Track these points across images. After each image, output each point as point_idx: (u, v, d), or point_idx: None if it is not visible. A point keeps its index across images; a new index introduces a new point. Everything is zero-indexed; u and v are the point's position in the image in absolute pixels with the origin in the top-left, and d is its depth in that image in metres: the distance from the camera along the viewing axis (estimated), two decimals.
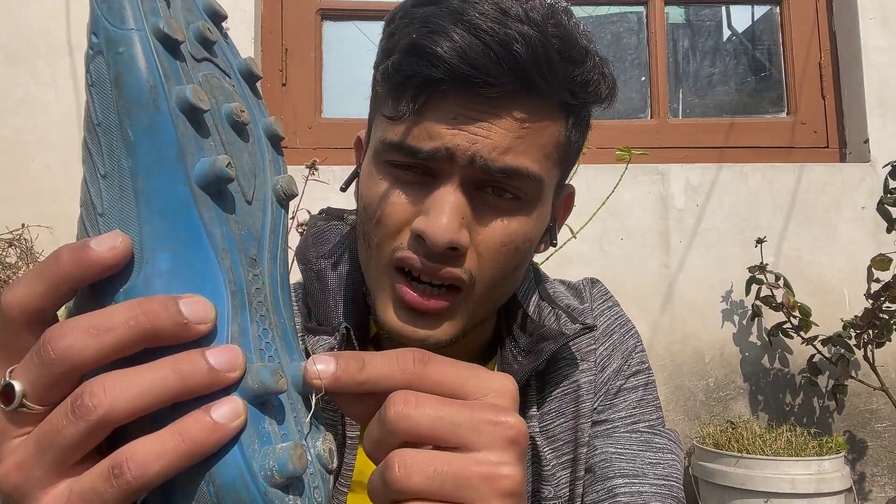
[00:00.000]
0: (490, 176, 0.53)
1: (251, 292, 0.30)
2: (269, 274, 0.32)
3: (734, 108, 2.39)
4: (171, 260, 0.28)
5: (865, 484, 1.99)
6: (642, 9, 2.29)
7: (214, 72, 0.33)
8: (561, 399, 0.64)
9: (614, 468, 0.61)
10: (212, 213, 0.29)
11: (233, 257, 0.29)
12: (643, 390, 0.67)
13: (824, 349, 1.94)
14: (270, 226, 0.33)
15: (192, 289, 0.28)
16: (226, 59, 0.35)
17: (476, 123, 0.52)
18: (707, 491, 1.77)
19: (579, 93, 0.55)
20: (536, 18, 0.51)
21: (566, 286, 0.72)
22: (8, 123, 1.98)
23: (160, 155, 0.28)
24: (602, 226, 1.99)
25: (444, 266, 0.53)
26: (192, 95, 0.28)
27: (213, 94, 0.32)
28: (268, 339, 0.30)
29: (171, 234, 0.28)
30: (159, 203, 0.28)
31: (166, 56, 0.29)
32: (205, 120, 0.30)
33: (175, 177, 0.28)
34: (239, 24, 2.06)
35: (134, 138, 0.28)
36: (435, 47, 0.50)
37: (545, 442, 0.62)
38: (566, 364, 0.65)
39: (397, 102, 0.54)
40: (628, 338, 0.69)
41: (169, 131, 0.28)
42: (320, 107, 2.18)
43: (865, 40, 2.12)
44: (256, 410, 0.28)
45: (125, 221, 0.28)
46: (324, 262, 0.65)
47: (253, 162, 0.33)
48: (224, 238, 0.29)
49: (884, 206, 1.81)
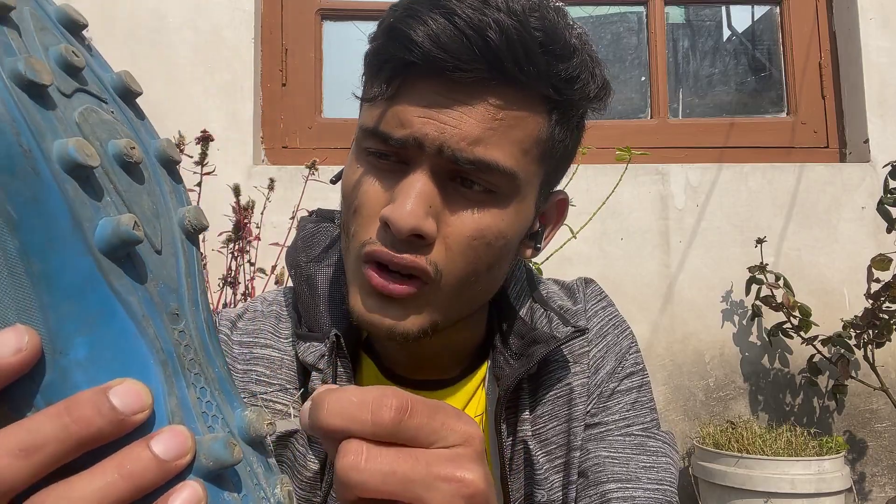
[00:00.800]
0: (459, 167, 0.52)
1: (181, 353, 0.27)
2: (194, 324, 0.29)
3: (734, 108, 2.39)
4: (88, 345, 0.25)
5: (865, 484, 1.99)
6: (642, 9, 2.29)
7: (90, 103, 0.28)
8: (554, 402, 0.63)
9: (607, 472, 0.60)
10: (124, 281, 0.25)
11: (155, 322, 0.26)
12: (637, 392, 0.66)
13: (824, 349, 1.94)
14: (185, 269, 0.29)
15: (117, 372, 0.25)
16: (98, 81, 0.30)
17: (447, 111, 0.51)
18: (707, 491, 1.77)
19: (563, 88, 0.54)
20: (516, 9, 0.50)
21: (560, 286, 0.71)
22: None
23: (52, 229, 0.24)
24: (602, 226, 1.99)
25: (410, 255, 0.52)
26: (77, 152, 0.24)
27: (94, 133, 0.27)
28: (208, 398, 0.28)
29: (81, 315, 0.25)
30: (62, 283, 0.24)
31: (34, 107, 0.24)
32: (95, 175, 0.26)
33: (74, 250, 0.24)
34: (239, 25, 2.06)
35: (17, 215, 0.24)
36: (409, 31, 0.50)
37: (538, 446, 0.62)
38: (559, 367, 0.64)
39: (373, 85, 0.54)
40: (622, 339, 0.68)
41: (57, 200, 0.24)
42: (320, 107, 2.18)
43: (865, 40, 2.12)
44: (213, 486, 0.26)
45: (24, 311, 0.24)
46: (313, 267, 0.64)
47: (154, 202, 0.29)
48: (142, 304, 0.26)
49: (884, 206, 1.81)
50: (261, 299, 0.68)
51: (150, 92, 2.01)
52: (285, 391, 0.61)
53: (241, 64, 2.05)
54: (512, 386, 0.59)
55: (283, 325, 0.64)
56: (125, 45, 2.02)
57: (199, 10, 2.05)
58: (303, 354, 0.60)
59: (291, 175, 1.94)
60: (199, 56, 2.03)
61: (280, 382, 0.61)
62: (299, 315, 0.64)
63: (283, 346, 0.63)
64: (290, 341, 0.63)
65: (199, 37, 2.05)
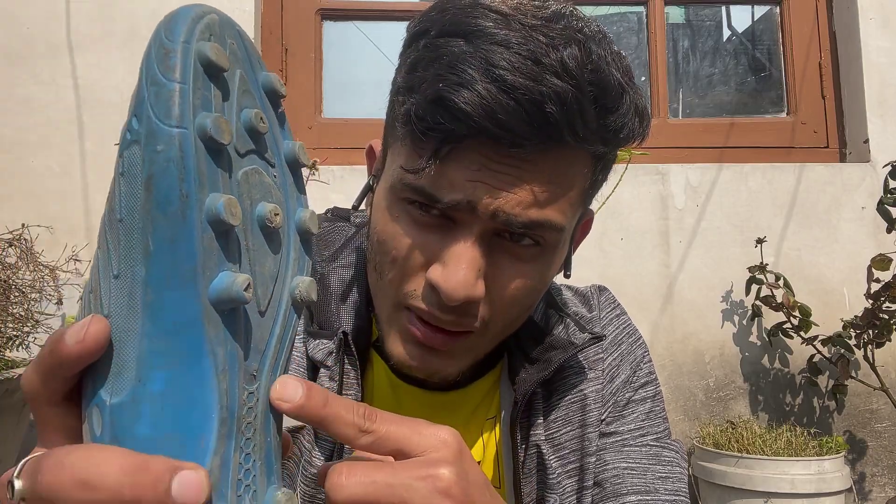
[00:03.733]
0: (511, 228, 0.51)
1: (242, 415, 0.28)
2: (265, 389, 0.30)
3: (734, 108, 2.39)
4: (165, 381, 0.26)
5: (865, 484, 1.99)
6: (642, 9, 2.29)
7: (258, 165, 0.31)
8: (568, 408, 0.63)
9: (627, 484, 0.60)
10: (219, 333, 0.27)
11: (231, 379, 0.27)
12: (651, 402, 0.66)
13: (824, 349, 1.94)
14: (279, 335, 0.31)
15: (180, 416, 0.26)
16: (274, 147, 0.33)
17: (500, 177, 0.49)
18: (707, 491, 1.77)
19: (612, 139, 0.52)
20: (572, 68, 0.46)
21: (574, 292, 0.71)
22: (8, 123, 1.98)
23: (177, 269, 0.26)
24: (602, 226, 1.99)
25: (457, 318, 0.52)
26: (225, 210, 0.26)
27: (249, 193, 0.30)
28: (248, 466, 0.29)
29: (171, 351, 0.26)
30: (166, 320, 0.26)
31: (207, 160, 0.27)
32: (234, 232, 0.28)
33: (188, 293, 0.26)
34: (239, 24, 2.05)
35: (153, 247, 0.26)
36: (460, 102, 0.46)
37: (551, 450, 0.62)
38: (573, 373, 0.64)
39: (417, 151, 0.51)
40: (636, 348, 0.68)
41: (191, 246, 0.26)
42: (320, 107, 2.18)
43: (865, 40, 2.12)
44: None
45: (127, 332, 0.26)
46: (327, 266, 0.64)
47: (276, 267, 0.31)
48: (227, 358, 0.27)
49: (884, 206, 1.81)
50: None
51: None
52: None
53: None
54: (528, 391, 0.60)
55: None
56: (125, 45, 2.02)
57: None
58: (312, 351, 0.60)
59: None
60: None
61: None
62: (311, 312, 0.64)
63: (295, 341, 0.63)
64: (301, 337, 0.63)
65: None
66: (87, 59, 2.01)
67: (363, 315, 0.62)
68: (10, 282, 1.55)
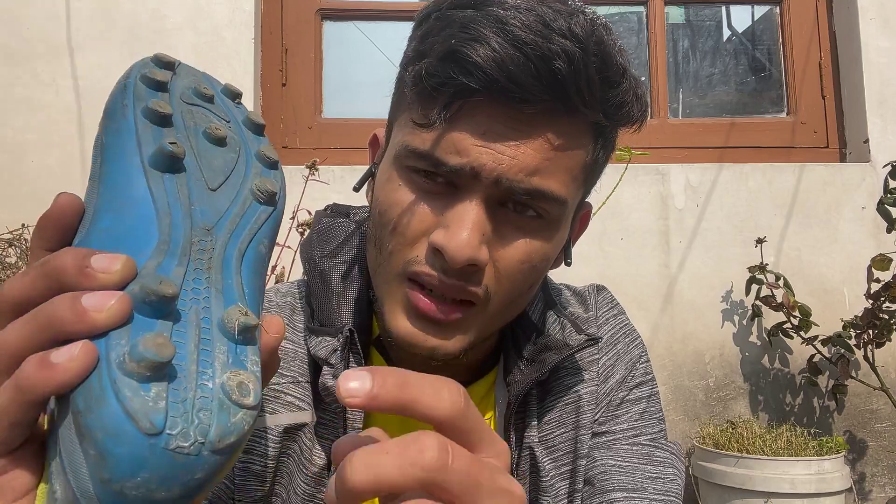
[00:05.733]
0: (514, 196, 0.52)
1: (190, 250, 0.31)
2: (223, 245, 0.33)
3: (734, 108, 2.39)
4: (111, 220, 0.31)
5: (865, 484, 1.99)
6: (642, 9, 2.29)
7: (205, 109, 0.38)
8: (562, 409, 0.63)
9: (613, 481, 0.60)
10: (161, 186, 0.32)
11: (174, 218, 0.32)
12: (646, 402, 0.65)
13: (824, 349, 1.94)
14: (238, 212, 0.35)
15: (121, 240, 0.30)
16: (227, 109, 0.39)
17: (505, 141, 0.50)
18: (707, 491, 1.77)
19: (613, 115, 0.53)
20: (579, 34, 0.48)
21: (572, 292, 0.71)
22: (8, 123, 1.98)
23: (121, 147, 0.33)
24: (602, 226, 1.99)
25: (461, 283, 0.52)
26: (154, 104, 0.34)
27: (193, 116, 0.37)
28: (198, 287, 0.30)
29: (117, 200, 0.32)
30: (113, 179, 0.33)
31: (147, 91, 0.36)
32: (171, 121, 0.35)
33: (131, 160, 0.33)
34: (239, 24, 2.06)
35: (105, 141, 0.34)
36: (473, 55, 0.47)
37: (545, 452, 0.61)
38: (568, 374, 0.64)
39: (428, 109, 0.51)
40: (633, 348, 0.67)
41: (130, 130, 0.34)
42: (320, 107, 2.18)
43: (865, 40, 2.12)
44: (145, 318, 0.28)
45: (90, 201, 0.33)
46: (328, 262, 0.64)
47: (226, 165, 0.37)
48: (169, 204, 0.32)
49: (884, 206, 1.81)
50: (274, 290, 0.67)
51: None
52: (297, 384, 0.60)
53: (241, 64, 2.05)
54: (522, 392, 0.59)
55: (297, 318, 0.64)
56: (125, 45, 2.02)
57: (199, 10, 2.05)
58: (314, 349, 0.59)
59: (291, 175, 1.93)
60: (199, 56, 2.03)
61: (293, 375, 0.61)
62: (312, 309, 0.64)
63: (297, 338, 0.63)
64: (303, 334, 0.63)
65: (199, 37, 2.05)
66: (87, 59, 2.01)
67: (364, 311, 0.62)
68: None
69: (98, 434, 0.25)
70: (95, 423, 0.26)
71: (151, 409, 0.25)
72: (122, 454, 0.25)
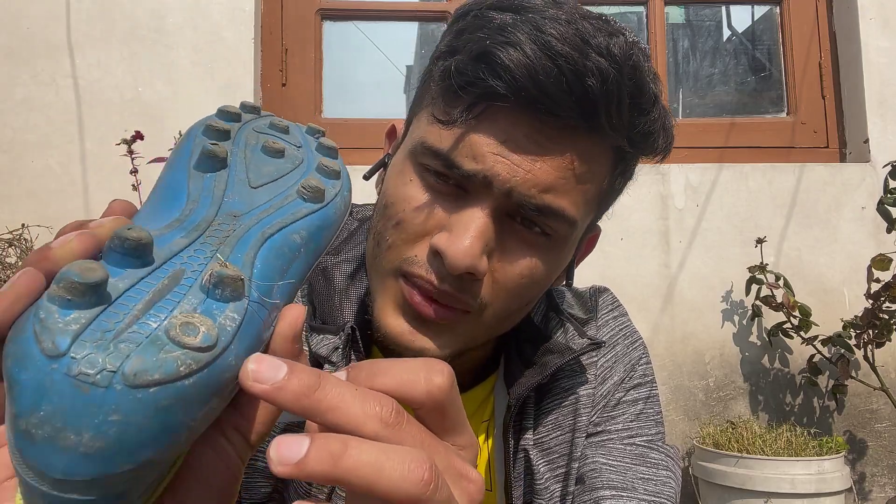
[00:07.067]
0: (524, 210, 0.50)
1: (207, 229, 0.31)
2: (246, 228, 0.32)
3: (734, 108, 2.39)
4: (147, 211, 0.33)
5: (865, 484, 1.99)
6: (642, 9, 2.29)
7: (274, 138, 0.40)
8: (559, 412, 0.62)
9: (603, 479, 0.59)
10: (199, 183, 0.34)
11: (200, 204, 0.32)
12: (644, 404, 0.65)
13: (824, 349, 1.94)
14: (276, 205, 0.35)
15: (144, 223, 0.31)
16: (301, 139, 0.42)
17: (523, 153, 0.49)
18: (707, 491, 1.77)
19: (638, 142, 0.52)
20: (617, 55, 0.47)
21: (573, 294, 0.70)
22: (8, 123, 1.98)
23: (177, 158, 0.36)
24: (602, 226, 1.99)
25: (454, 292, 0.51)
26: (214, 123, 0.37)
27: (257, 138, 0.39)
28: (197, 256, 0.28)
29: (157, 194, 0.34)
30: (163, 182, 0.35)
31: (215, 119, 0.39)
32: (229, 135, 0.38)
33: (181, 166, 0.35)
34: (239, 24, 2.06)
35: (168, 159, 0.37)
36: (505, 59, 0.46)
37: (540, 455, 0.61)
38: (566, 376, 0.63)
39: (451, 107, 0.51)
40: (633, 349, 0.66)
41: (189, 144, 0.36)
42: (320, 107, 2.18)
43: (865, 40, 2.12)
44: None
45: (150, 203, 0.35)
46: (330, 259, 0.63)
47: (276, 171, 0.37)
48: (201, 195, 0.33)
49: (884, 206, 1.81)
50: None
51: (150, 92, 2.01)
52: None
53: (241, 64, 2.05)
54: (524, 394, 0.58)
55: None
56: (125, 45, 2.02)
57: (199, 10, 2.05)
58: (315, 346, 0.58)
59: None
60: (199, 56, 2.03)
61: None
62: (314, 307, 0.63)
63: None
64: (305, 332, 0.62)
65: (199, 37, 2.05)
66: (87, 59, 2.01)
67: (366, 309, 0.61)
68: None
69: (9, 361, 0.23)
70: (10, 349, 0.24)
71: (60, 331, 0.23)
72: (24, 380, 0.22)
